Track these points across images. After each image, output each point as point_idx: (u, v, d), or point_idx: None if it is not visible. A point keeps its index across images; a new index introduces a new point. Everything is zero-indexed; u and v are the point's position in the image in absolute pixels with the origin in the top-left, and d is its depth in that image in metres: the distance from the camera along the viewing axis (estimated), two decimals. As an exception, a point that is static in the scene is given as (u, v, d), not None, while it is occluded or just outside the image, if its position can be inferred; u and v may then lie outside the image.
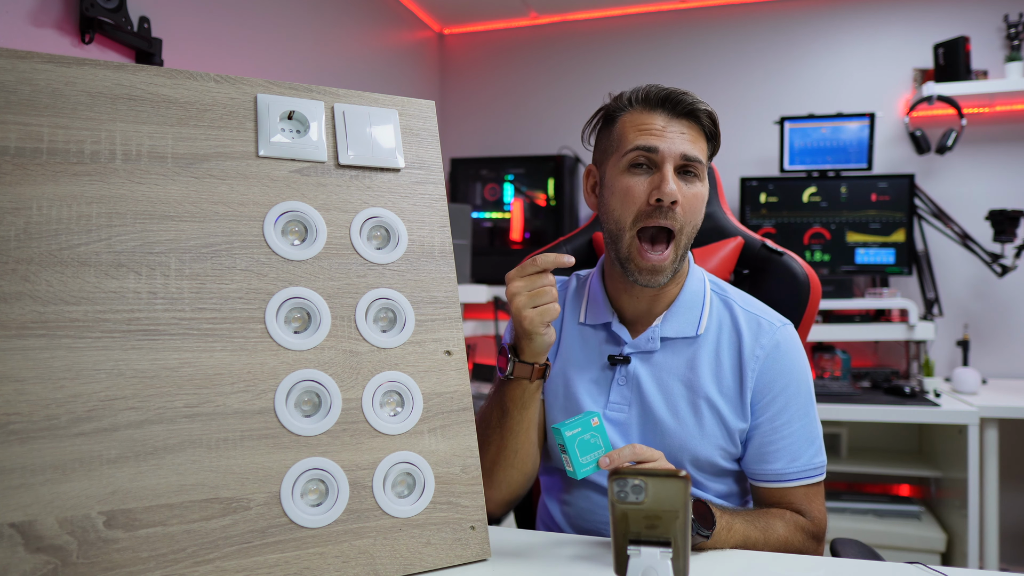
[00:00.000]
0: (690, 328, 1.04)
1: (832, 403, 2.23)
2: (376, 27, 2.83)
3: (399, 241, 0.93)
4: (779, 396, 1.01)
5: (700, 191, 1.00)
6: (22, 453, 0.69)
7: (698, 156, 0.99)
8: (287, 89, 0.92)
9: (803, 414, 1.01)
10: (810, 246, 2.65)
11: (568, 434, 0.86)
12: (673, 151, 0.97)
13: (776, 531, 0.96)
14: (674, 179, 0.97)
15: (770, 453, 1.00)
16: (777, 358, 1.01)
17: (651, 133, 0.98)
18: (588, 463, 0.86)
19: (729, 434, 1.01)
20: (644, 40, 3.11)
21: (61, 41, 1.54)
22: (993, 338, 2.69)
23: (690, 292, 1.06)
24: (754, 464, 1.02)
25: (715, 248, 1.30)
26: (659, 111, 0.99)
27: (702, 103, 0.99)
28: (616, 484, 0.62)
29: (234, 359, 0.80)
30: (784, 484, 1.00)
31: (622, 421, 1.04)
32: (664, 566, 0.63)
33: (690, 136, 0.99)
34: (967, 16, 2.72)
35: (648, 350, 1.05)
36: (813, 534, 1.00)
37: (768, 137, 2.91)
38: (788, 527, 0.97)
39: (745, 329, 1.03)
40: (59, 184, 0.77)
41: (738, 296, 1.08)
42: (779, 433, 1.00)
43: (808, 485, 1.01)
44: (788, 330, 1.04)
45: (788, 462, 1.00)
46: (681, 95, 0.99)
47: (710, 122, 1.00)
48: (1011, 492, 2.56)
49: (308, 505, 0.80)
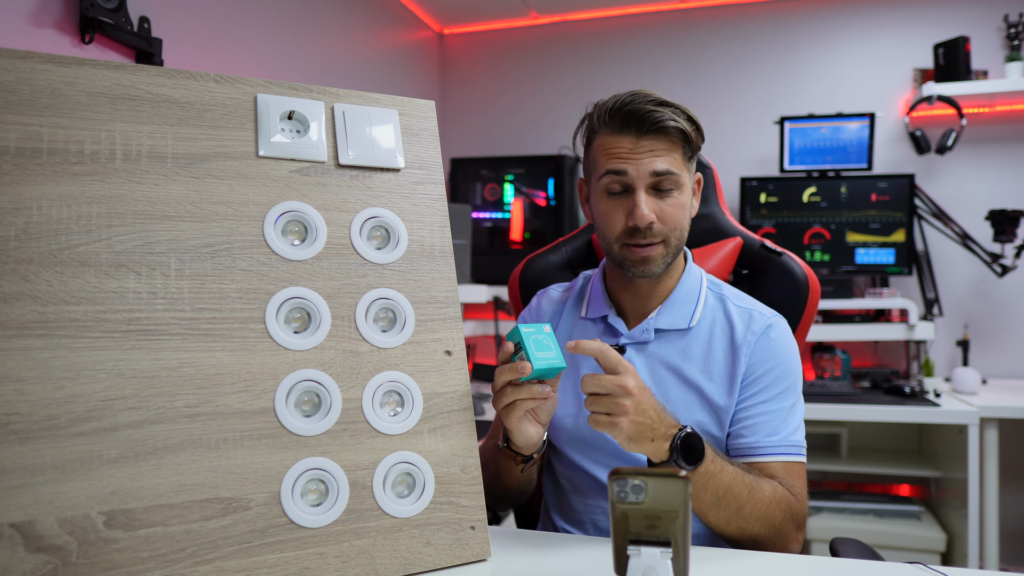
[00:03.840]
0: (683, 321, 1.07)
1: (832, 403, 2.23)
2: (376, 27, 2.83)
3: (399, 241, 0.93)
4: (764, 376, 1.02)
5: (679, 200, 1.01)
6: (22, 453, 0.69)
7: (670, 169, 0.99)
8: (287, 89, 0.92)
9: (786, 397, 1.03)
10: (810, 246, 2.65)
11: (525, 330, 0.88)
12: (642, 172, 0.98)
13: (763, 490, 0.93)
14: (648, 199, 0.99)
15: (748, 427, 1.01)
16: (767, 342, 1.04)
17: (619, 157, 0.99)
18: (542, 358, 0.86)
19: (718, 421, 1.02)
20: (644, 40, 3.11)
21: (61, 41, 1.54)
22: (993, 338, 2.69)
23: (686, 288, 1.09)
24: (733, 439, 1.02)
25: (714, 248, 1.30)
26: (627, 131, 0.99)
27: (670, 117, 0.98)
28: (616, 484, 0.62)
29: (234, 359, 0.80)
30: (761, 458, 0.99)
31: None
32: (664, 566, 0.63)
33: (661, 150, 0.99)
34: (967, 16, 2.72)
35: (642, 340, 1.07)
36: (796, 510, 0.97)
37: (768, 137, 2.91)
38: (775, 492, 0.95)
39: (737, 320, 1.06)
40: (59, 184, 0.77)
41: (733, 294, 1.11)
42: (759, 408, 1.01)
43: (786, 462, 1.00)
44: (780, 321, 1.07)
45: (765, 435, 1.00)
46: (647, 113, 0.97)
47: (680, 134, 0.99)
48: (1011, 492, 2.56)
49: (308, 505, 0.80)
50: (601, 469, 1.06)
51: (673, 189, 1.01)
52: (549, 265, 1.35)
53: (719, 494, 0.90)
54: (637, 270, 1.03)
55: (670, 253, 1.03)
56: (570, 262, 1.36)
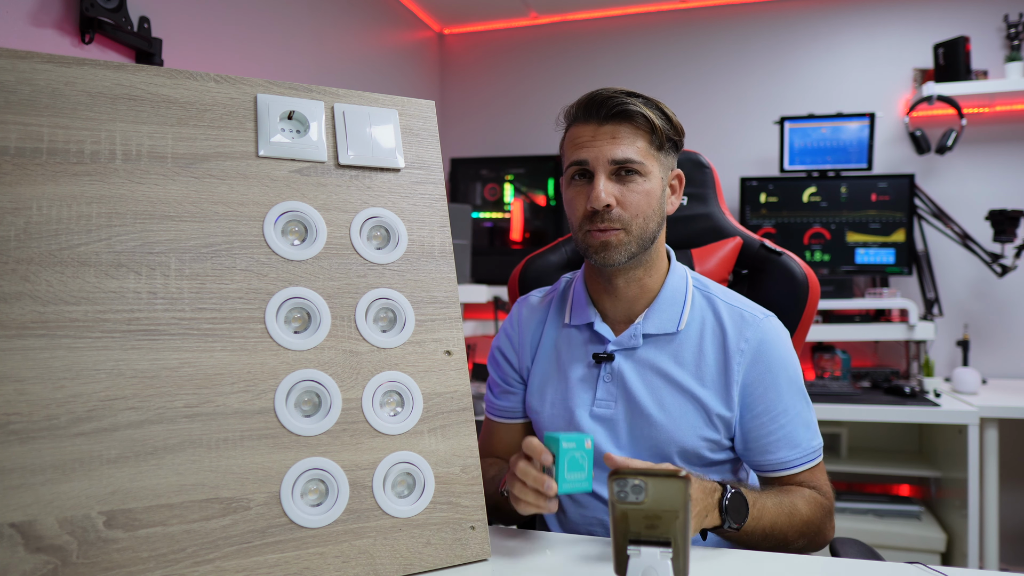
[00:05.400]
0: (671, 324, 1.05)
1: (832, 403, 2.23)
2: (376, 27, 2.83)
3: (399, 241, 0.93)
4: (770, 390, 1.02)
5: (642, 187, 1.00)
6: (22, 453, 0.69)
7: (630, 156, 0.98)
8: (287, 89, 0.92)
9: (795, 402, 1.03)
10: (810, 246, 2.65)
11: (565, 445, 0.84)
12: (601, 158, 0.99)
13: (800, 512, 0.98)
14: (607, 183, 0.99)
15: (771, 444, 1.02)
16: (764, 352, 1.02)
17: (582, 145, 1.00)
18: (571, 480, 0.84)
19: (713, 425, 1.02)
20: (644, 40, 3.11)
21: (61, 41, 1.54)
22: (993, 338, 2.69)
23: (671, 289, 1.07)
24: (757, 456, 1.04)
25: (714, 248, 1.30)
26: (590, 119, 1.00)
27: (631, 103, 0.98)
28: (616, 484, 0.62)
29: (234, 359, 0.80)
30: (789, 471, 1.03)
31: (609, 417, 1.05)
32: (664, 566, 0.63)
33: (622, 137, 0.99)
34: (967, 16, 2.72)
35: (631, 347, 1.06)
36: (828, 509, 1.04)
37: (768, 137, 2.91)
38: (809, 505, 1.00)
39: (728, 322, 1.04)
40: (59, 184, 0.77)
41: (720, 292, 1.09)
42: (776, 423, 1.02)
43: (811, 468, 1.04)
44: (772, 322, 1.06)
45: (789, 450, 1.02)
46: (606, 99, 0.98)
47: (644, 121, 0.99)
48: (1011, 492, 2.56)
49: (308, 505, 0.80)
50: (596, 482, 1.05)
51: (636, 175, 0.99)
52: (549, 265, 1.35)
53: (767, 532, 0.94)
54: (598, 257, 1.01)
55: (633, 242, 1.00)
56: (570, 262, 1.36)
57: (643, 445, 1.04)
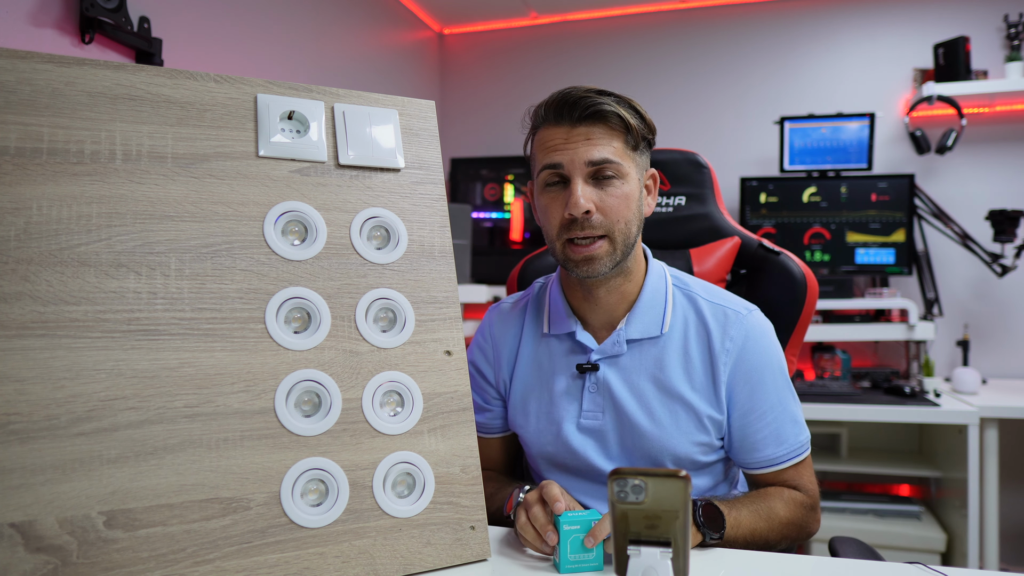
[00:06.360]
0: (654, 328, 1.02)
1: (832, 403, 2.23)
2: (376, 27, 2.83)
3: (399, 241, 0.93)
4: (757, 388, 1.01)
5: (621, 191, 0.96)
6: (22, 453, 0.69)
7: (607, 157, 0.94)
8: (287, 89, 0.92)
9: (781, 398, 1.03)
10: (810, 246, 2.65)
11: (566, 528, 0.82)
12: (577, 161, 0.94)
13: (778, 515, 0.98)
14: (585, 188, 0.94)
15: (757, 442, 1.02)
16: (749, 349, 1.01)
17: (555, 148, 0.96)
18: (574, 562, 0.82)
19: (704, 428, 1.01)
20: (644, 40, 3.11)
21: (61, 41, 1.54)
22: (993, 338, 2.69)
23: (651, 291, 1.04)
24: (743, 454, 1.04)
25: (712, 248, 1.30)
26: (562, 122, 0.96)
27: (604, 102, 0.94)
28: (616, 484, 0.62)
29: (234, 359, 0.80)
30: (775, 467, 1.03)
31: (597, 428, 1.03)
32: (664, 566, 0.63)
33: (597, 138, 0.95)
34: (967, 16, 2.72)
35: (615, 354, 1.03)
36: (810, 506, 1.03)
37: (768, 137, 2.91)
38: (788, 506, 1.00)
39: (712, 321, 1.02)
40: (59, 184, 0.77)
41: (701, 288, 1.07)
42: (763, 421, 1.01)
43: (797, 463, 1.03)
44: (755, 316, 1.04)
45: (775, 447, 1.02)
46: (578, 99, 0.94)
47: (618, 120, 0.95)
48: (1011, 492, 2.56)
49: (308, 505, 0.80)
50: (584, 495, 1.05)
51: (614, 178, 0.95)
52: (548, 265, 1.35)
53: (747, 539, 0.94)
54: (581, 271, 0.97)
55: (617, 251, 0.97)
56: (570, 262, 1.36)
57: (635, 455, 1.02)
